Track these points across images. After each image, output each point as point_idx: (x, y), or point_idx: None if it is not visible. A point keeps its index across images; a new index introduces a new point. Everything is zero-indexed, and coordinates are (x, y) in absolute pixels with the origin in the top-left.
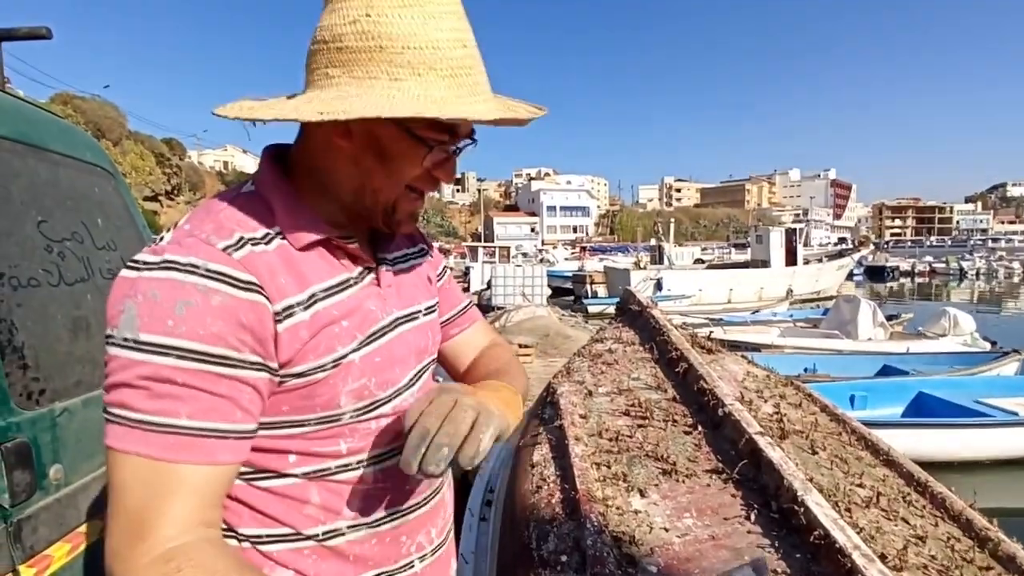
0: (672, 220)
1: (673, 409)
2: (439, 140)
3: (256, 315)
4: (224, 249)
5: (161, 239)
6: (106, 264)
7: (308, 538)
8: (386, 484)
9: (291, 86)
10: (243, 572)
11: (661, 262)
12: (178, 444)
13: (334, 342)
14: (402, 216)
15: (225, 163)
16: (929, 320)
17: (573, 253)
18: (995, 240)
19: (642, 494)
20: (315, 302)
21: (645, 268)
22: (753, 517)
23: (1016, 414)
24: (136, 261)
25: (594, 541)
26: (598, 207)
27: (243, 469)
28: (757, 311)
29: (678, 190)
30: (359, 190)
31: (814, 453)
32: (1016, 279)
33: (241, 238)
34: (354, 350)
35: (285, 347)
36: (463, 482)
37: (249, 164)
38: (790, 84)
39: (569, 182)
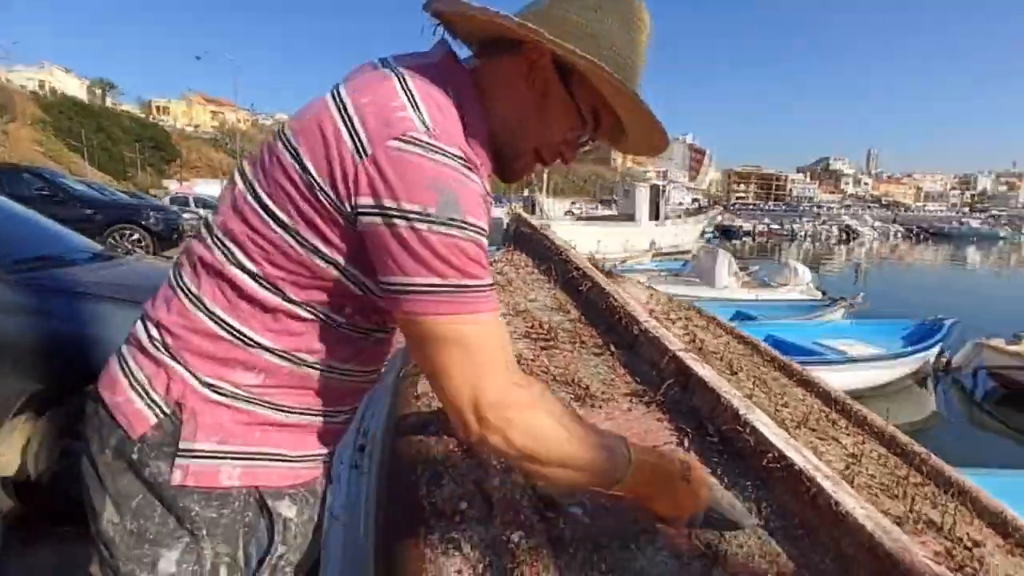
0: (546, 173)
1: (579, 330)
2: (586, 123)
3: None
4: (479, 165)
5: (419, 113)
6: None
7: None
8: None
9: None
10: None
11: (534, 213)
12: (497, 301)
13: None
14: (519, 170)
15: (42, 82)
16: (775, 272)
17: None
18: (819, 207)
19: None
20: None
21: None
22: (687, 443)
23: (846, 353)
24: (427, 144)
25: (502, 481)
26: None
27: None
28: (624, 262)
29: None
30: (505, 125)
31: (734, 374)
32: (833, 241)
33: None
34: None
35: None
36: None
37: (72, 85)
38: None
39: None
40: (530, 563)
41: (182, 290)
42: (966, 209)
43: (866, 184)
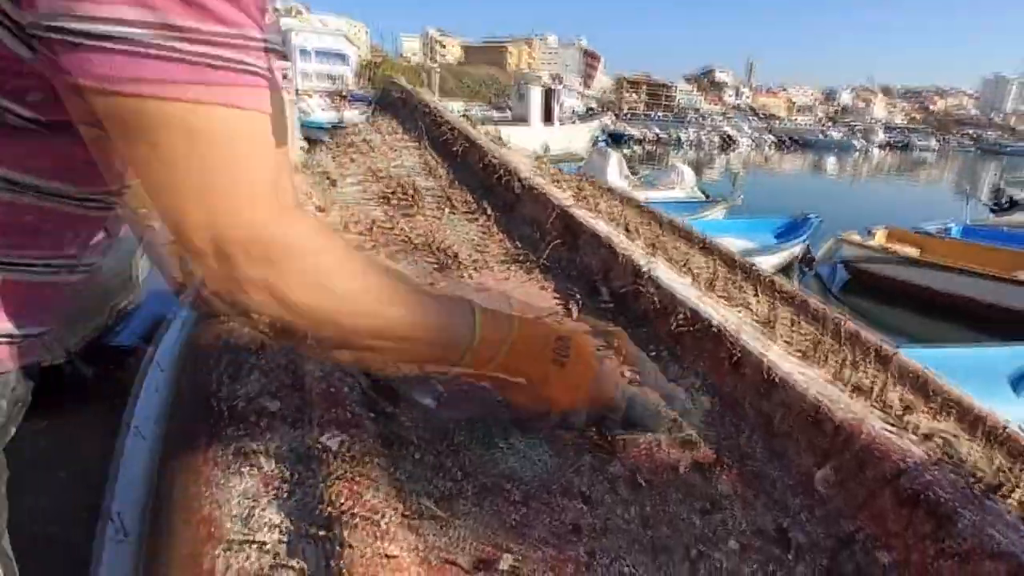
0: (438, 73)
1: (450, 194)
2: None
3: None
4: None
5: None
6: None
7: None
8: None
9: None
10: None
11: None
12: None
13: None
14: None
15: None
16: (662, 175)
17: (332, 103)
18: (704, 117)
19: None
20: None
21: None
22: (575, 310)
23: None
24: None
25: (328, 371)
26: (359, 56)
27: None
28: None
29: (443, 45)
30: None
31: (632, 240)
32: (715, 150)
33: None
34: None
35: None
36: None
37: None
38: None
39: (324, 23)
40: (350, 477)
41: None
42: (830, 122)
43: (747, 96)
